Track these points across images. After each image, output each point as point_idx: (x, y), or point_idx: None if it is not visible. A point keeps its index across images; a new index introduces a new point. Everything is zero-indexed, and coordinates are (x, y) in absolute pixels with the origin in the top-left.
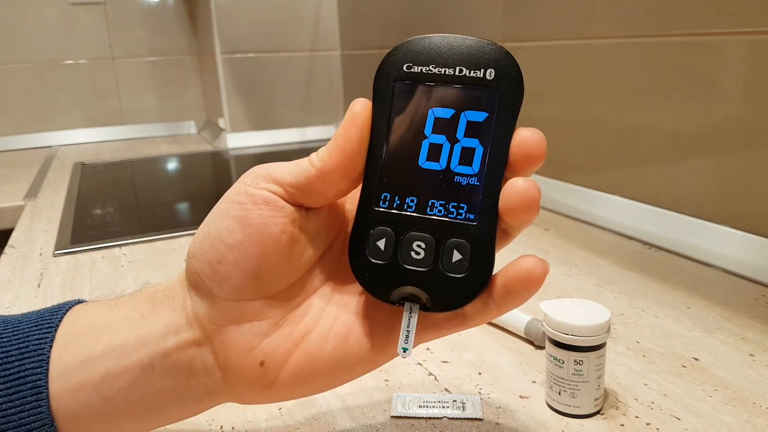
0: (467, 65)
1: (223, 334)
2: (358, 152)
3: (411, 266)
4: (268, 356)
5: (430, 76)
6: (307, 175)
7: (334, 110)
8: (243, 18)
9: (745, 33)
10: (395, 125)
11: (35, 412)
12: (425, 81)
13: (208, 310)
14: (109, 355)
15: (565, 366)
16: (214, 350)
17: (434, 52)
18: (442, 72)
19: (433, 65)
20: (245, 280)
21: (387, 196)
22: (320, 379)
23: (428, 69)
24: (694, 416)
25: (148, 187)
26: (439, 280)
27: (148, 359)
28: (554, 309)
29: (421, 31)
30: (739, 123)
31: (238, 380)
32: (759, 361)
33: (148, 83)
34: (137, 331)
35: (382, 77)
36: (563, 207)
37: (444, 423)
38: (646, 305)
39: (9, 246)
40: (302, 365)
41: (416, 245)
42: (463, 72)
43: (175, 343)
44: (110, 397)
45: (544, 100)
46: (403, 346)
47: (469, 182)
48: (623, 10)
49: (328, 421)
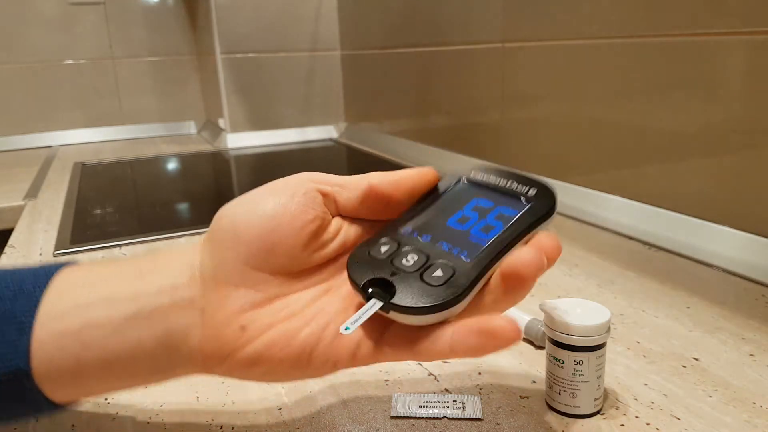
0: (518, 182)
1: (220, 292)
2: (406, 196)
3: (396, 265)
4: (250, 323)
5: (488, 182)
6: (360, 184)
7: (335, 110)
8: (243, 18)
9: (744, 33)
10: (446, 198)
11: (15, 347)
12: (483, 184)
13: (215, 268)
14: (97, 304)
15: (565, 366)
16: (205, 305)
17: (501, 171)
18: (497, 182)
19: (494, 177)
20: (261, 250)
21: (409, 229)
22: (285, 364)
23: (489, 178)
24: (694, 416)
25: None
26: (412, 283)
27: (136, 312)
28: (554, 309)
29: (421, 31)
30: (739, 123)
31: (216, 339)
32: (759, 361)
33: (148, 83)
34: (132, 285)
35: (456, 174)
36: (563, 207)
37: (444, 423)
38: (646, 305)
39: (9, 246)
40: (275, 342)
41: (410, 256)
42: (512, 185)
43: (169, 302)
44: (88, 344)
45: (544, 100)
46: (347, 326)
47: (478, 241)
48: (623, 10)
49: (328, 421)
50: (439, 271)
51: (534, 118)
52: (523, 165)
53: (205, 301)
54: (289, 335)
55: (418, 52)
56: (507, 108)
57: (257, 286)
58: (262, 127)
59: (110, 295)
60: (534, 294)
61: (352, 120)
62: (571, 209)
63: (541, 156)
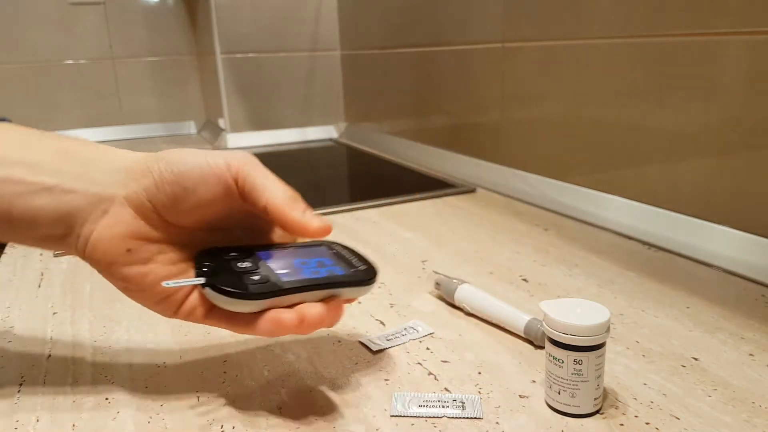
0: (357, 258)
1: (126, 211)
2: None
3: (232, 265)
4: (136, 250)
5: (339, 252)
6: (261, 198)
7: (334, 110)
8: (243, 18)
9: (744, 33)
10: (307, 249)
11: None
12: (336, 252)
13: (137, 191)
14: (21, 165)
15: (564, 365)
16: (110, 212)
17: (351, 250)
18: (345, 254)
19: (346, 251)
20: (180, 199)
21: (264, 254)
22: (146, 294)
23: (342, 250)
24: (694, 416)
25: None
26: (234, 277)
27: (53, 186)
28: (554, 309)
29: (420, 31)
30: (738, 123)
31: (103, 244)
32: (758, 360)
33: (148, 83)
34: (59, 162)
35: (325, 241)
36: (563, 207)
37: (444, 422)
38: (646, 305)
39: (10, 246)
40: (145, 275)
41: (246, 262)
42: (353, 259)
43: (83, 190)
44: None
45: (544, 100)
46: (169, 282)
47: (301, 275)
48: (623, 10)
49: (328, 420)
50: (257, 276)
51: (534, 117)
52: (523, 165)
53: (113, 209)
54: (156, 276)
55: (418, 52)
56: (507, 108)
57: (156, 225)
58: (262, 127)
59: (36, 162)
60: (534, 294)
61: (352, 120)
62: (571, 209)
63: (540, 156)
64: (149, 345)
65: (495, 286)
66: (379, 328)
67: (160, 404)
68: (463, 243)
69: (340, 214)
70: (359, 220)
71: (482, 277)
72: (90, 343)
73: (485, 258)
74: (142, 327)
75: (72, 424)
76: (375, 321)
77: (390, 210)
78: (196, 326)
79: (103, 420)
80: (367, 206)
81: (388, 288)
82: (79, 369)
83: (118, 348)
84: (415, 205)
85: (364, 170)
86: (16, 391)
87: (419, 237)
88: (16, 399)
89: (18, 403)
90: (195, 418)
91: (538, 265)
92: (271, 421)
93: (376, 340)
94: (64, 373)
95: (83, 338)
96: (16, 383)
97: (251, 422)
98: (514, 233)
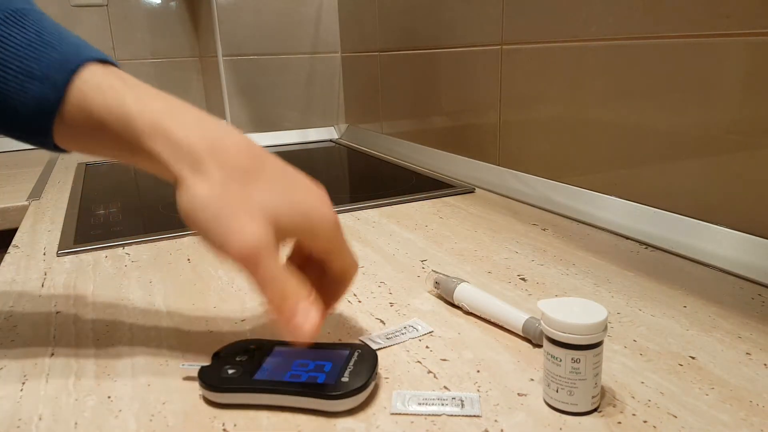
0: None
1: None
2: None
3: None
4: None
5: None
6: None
7: (335, 112)
8: (245, 21)
9: (742, 34)
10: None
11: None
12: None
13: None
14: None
15: (562, 364)
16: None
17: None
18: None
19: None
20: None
21: (277, 352)
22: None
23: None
24: (691, 414)
25: (151, 188)
26: (228, 360)
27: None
28: (552, 307)
29: (420, 33)
30: (736, 124)
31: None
32: (755, 359)
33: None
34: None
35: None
36: (561, 207)
37: (443, 420)
38: (643, 304)
39: (13, 246)
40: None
41: (241, 364)
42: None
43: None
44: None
45: (542, 102)
46: (185, 364)
47: (280, 377)
48: (620, 12)
49: (329, 418)
50: (233, 370)
51: (532, 119)
52: (522, 165)
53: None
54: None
55: (417, 54)
56: (505, 109)
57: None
58: (263, 128)
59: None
60: (532, 293)
61: (352, 121)
62: (569, 209)
63: (539, 156)
64: (152, 344)
65: (493, 285)
66: (379, 326)
67: (162, 402)
68: (462, 242)
69: (341, 214)
70: (359, 220)
71: (481, 277)
72: (93, 342)
73: (484, 257)
74: (145, 326)
75: (74, 422)
76: (375, 320)
77: (390, 210)
78: (198, 325)
79: (106, 418)
80: (367, 206)
81: (387, 287)
82: (81, 367)
83: (120, 347)
84: (414, 205)
85: (364, 171)
86: (18, 390)
87: (419, 237)
88: (18, 398)
89: (20, 401)
90: (197, 416)
91: (536, 264)
92: (273, 419)
93: (376, 338)
94: (67, 371)
95: (86, 337)
96: (19, 382)
97: (252, 420)
98: (512, 233)
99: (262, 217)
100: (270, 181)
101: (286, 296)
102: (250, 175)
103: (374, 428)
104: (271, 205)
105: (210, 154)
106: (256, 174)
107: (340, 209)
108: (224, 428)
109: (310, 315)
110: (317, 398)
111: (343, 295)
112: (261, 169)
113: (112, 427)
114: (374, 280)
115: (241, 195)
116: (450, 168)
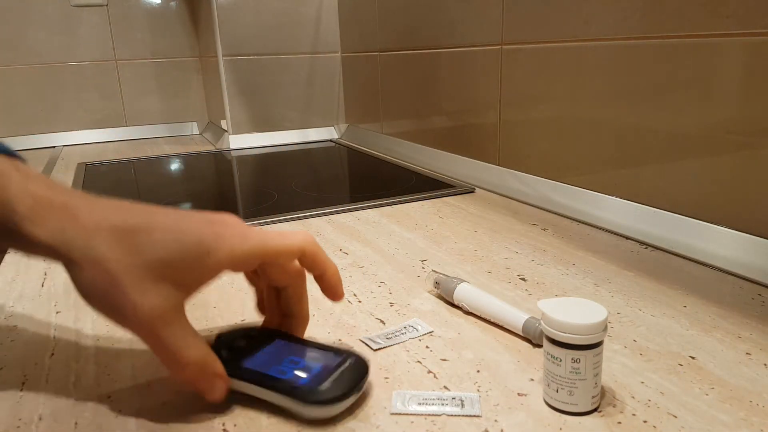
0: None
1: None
2: None
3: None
4: None
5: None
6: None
7: (335, 112)
8: (245, 20)
9: (741, 34)
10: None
11: None
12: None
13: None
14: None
15: (562, 364)
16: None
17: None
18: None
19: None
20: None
21: (279, 342)
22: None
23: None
24: (691, 414)
25: (151, 188)
26: (228, 343)
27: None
28: (552, 307)
29: (420, 33)
30: (735, 124)
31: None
32: (755, 359)
33: (151, 85)
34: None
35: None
36: (560, 207)
37: (443, 420)
38: (643, 304)
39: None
40: None
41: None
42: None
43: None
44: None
45: (542, 102)
46: None
47: (269, 371)
48: (620, 12)
49: (329, 419)
50: (228, 355)
51: (532, 119)
52: (522, 165)
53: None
54: None
55: (417, 54)
56: (505, 109)
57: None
58: (263, 128)
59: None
60: (532, 293)
61: (352, 121)
62: (569, 209)
63: (538, 156)
64: None
65: (493, 285)
66: (379, 326)
67: (162, 402)
68: (462, 242)
69: (341, 214)
70: (359, 220)
71: (481, 276)
72: (93, 342)
73: (484, 257)
74: None
75: (74, 422)
76: (375, 319)
77: (390, 210)
78: (198, 325)
79: (105, 418)
80: (367, 206)
81: (387, 287)
82: (81, 368)
83: (120, 347)
84: (414, 205)
85: (364, 171)
86: (18, 390)
87: (419, 237)
88: (18, 398)
89: (20, 401)
90: (196, 416)
91: (536, 264)
92: (272, 420)
93: (376, 338)
94: (67, 371)
95: (86, 337)
96: (19, 382)
97: (252, 421)
98: (512, 233)
99: (152, 281)
100: (161, 232)
101: (185, 366)
102: (137, 236)
103: (374, 428)
104: (165, 259)
105: (96, 231)
106: (145, 233)
107: (340, 209)
108: (224, 428)
109: (215, 388)
110: (291, 399)
111: (340, 286)
112: (150, 228)
113: (112, 427)
114: (374, 280)
115: (127, 263)
116: (450, 168)
